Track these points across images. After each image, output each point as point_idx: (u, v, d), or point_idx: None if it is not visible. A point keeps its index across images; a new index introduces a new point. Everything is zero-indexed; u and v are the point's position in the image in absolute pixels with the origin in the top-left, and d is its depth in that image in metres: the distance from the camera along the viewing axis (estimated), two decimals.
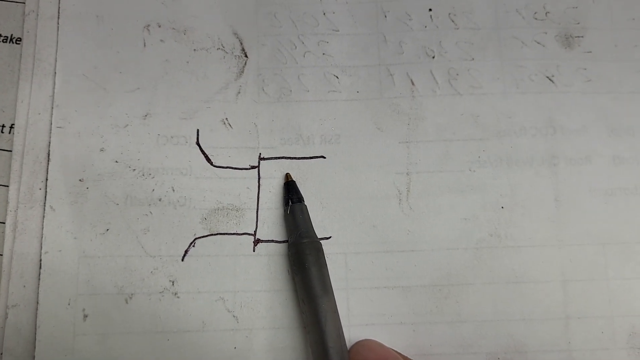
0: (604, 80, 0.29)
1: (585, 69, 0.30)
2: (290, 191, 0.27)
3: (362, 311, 0.27)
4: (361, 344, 0.25)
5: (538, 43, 0.30)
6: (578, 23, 0.30)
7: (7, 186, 0.27)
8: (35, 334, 0.25)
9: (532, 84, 0.29)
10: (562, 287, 0.27)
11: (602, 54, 0.30)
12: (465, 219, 0.28)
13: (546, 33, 0.30)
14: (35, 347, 0.25)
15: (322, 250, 0.26)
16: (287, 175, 0.28)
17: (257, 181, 0.28)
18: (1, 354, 0.25)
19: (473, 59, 0.30)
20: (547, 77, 0.29)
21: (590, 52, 0.30)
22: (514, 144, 0.29)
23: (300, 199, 0.27)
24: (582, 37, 0.30)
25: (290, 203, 0.27)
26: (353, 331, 0.27)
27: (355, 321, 0.27)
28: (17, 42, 0.29)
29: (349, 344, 0.26)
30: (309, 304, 0.25)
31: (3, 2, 0.30)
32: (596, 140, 0.29)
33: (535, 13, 0.30)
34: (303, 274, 0.25)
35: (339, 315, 0.25)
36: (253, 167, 0.28)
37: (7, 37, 0.29)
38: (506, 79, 0.29)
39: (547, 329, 0.27)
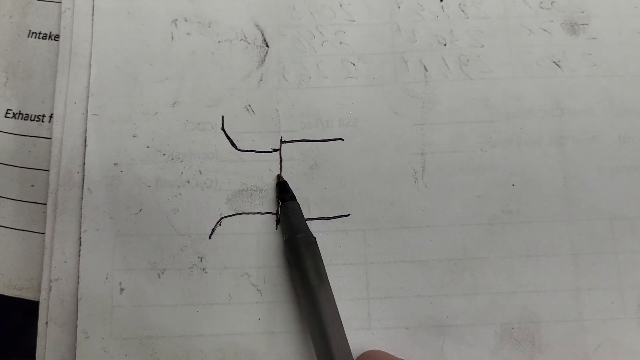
0: (608, 64, 0.31)
1: (590, 54, 0.31)
2: (282, 191, 0.28)
3: (381, 285, 0.28)
4: (368, 355, 0.25)
5: (544, 30, 0.31)
6: (583, 12, 0.31)
7: (48, 170, 0.29)
8: (77, 305, 0.27)
9: (539, 69, 0.31)
10: (572, 260, 0.28)
11: (607, 40, 0.31)
12: (478, 196, 0.29)
13: (552, 21, 0.31)
14: (77, 317, 0.27)
15: (317, 244, 0.27)
16: (279, 176, 0.29)
17: (278, 163, 0.29)
18: (46, 323, 0.27)
19: (483, 46, 0.31)
20: (554, 62, 0.31)
21: (595, 38, 0.31)
22: (523, 125, 0.30)
23: (292, 198, 0.28)
24: (587, 24, 0.31)
25: (283, 201, 0.28)
26: (372, 304, 0.28)
27: (374, 294, 0.28)
28: (56, 38, 0.31)
29: (367, 316, 0.28)
30: (305, 295, 0.26)
31: (41, 2, 0.32)
32: (602, 120, 0.30)
33: (541, 2, 0.32)
34: (299, 267, 0.26)
35: (336, 306, 0.26)
36: (275, 150, 0.30)
37: (47, 34, 0.31)
38: (515, 65, 0.31)
39: (559, 300, 0.28)
